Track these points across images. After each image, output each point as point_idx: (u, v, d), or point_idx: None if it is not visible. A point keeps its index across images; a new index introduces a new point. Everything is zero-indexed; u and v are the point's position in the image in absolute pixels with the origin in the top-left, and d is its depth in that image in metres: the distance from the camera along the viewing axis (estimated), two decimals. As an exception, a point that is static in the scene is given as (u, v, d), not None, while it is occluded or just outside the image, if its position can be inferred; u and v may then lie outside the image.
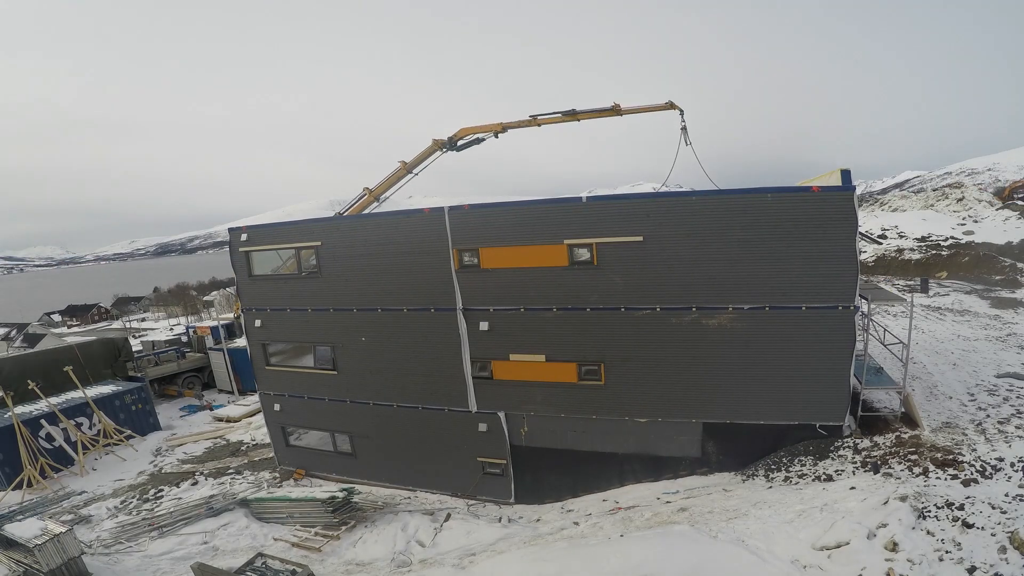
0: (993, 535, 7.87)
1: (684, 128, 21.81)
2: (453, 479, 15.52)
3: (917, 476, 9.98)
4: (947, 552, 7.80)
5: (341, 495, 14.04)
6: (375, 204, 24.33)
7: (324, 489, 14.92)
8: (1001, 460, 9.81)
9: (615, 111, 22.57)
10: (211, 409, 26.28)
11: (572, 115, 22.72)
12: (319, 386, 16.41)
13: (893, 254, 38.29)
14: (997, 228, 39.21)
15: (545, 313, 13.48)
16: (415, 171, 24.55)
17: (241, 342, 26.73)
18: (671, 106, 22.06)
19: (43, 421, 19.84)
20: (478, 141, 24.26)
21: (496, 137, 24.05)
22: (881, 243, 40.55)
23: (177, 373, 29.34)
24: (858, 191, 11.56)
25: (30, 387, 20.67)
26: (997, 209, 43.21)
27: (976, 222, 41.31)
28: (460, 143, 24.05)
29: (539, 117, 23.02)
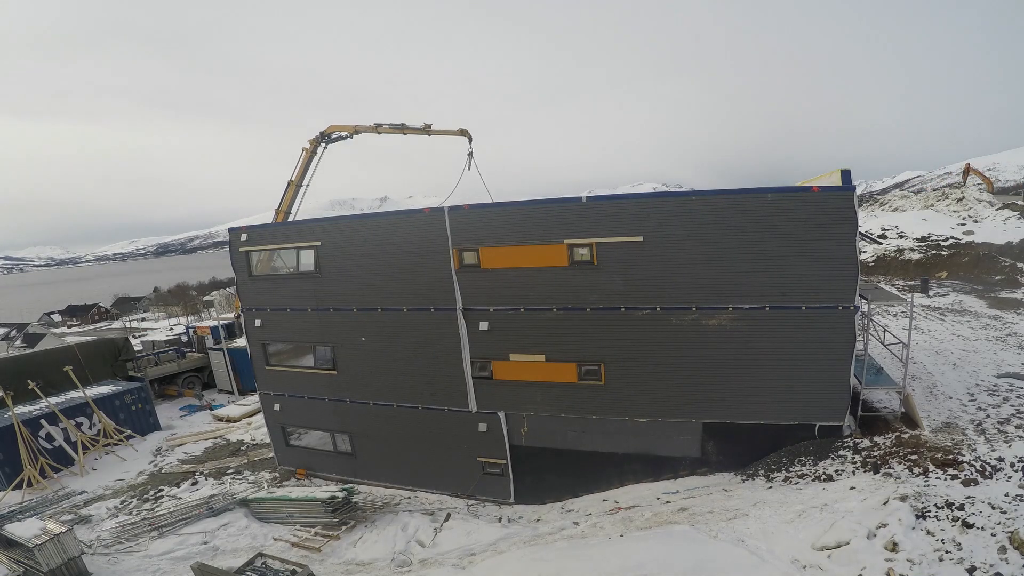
0: (993, 535, 7.87)
1: (471, 154, 25.25)
2: (453, 479, 15.51)
3: (917, 476, 9.98)
4: (947, 552, 7.80)
5: (341, 495, 14.04)
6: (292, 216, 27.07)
7: (324, 489, 14.92)
8: (1001, 460, 9.81)
9: (425, 131, 26.47)
10: (211, 409, 26.26)
11: (401, 129, 26.53)
12: (319, 386, 16.41)
13: (893, 254, 38.28)
14: (997, 228, 39.20)
15: (545, 313, 13.48)
16: (306, 182, 27.33)
17: (241, 342, 26.74)
18: (463, 132, 25.88)
19: (43, 421, 19.83)
20: (343, 137, 27.23)
21: (351, 137, 27.13)
22: (881, 243, 40.55)
23: (177, 373, 29.32)
24: (858, 191, 11.56)
25: (30, 387, 20.65)
26: (997, 209, 43.21)
27: (976, 222, 41.30)
28: (332, 136, 27.03)
29: (381, 126, 26.51)
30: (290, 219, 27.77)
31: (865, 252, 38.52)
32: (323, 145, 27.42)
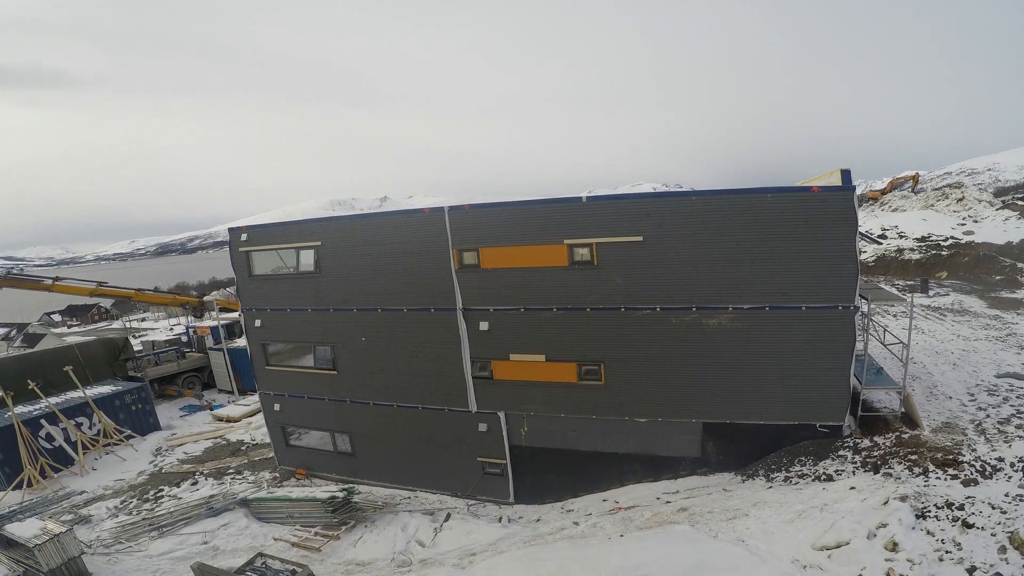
0: (993, 535, 7.87)
1: None
2: (453, 479, 15.51)
3: (917, 476, 9.98)
4: (947, 552, 7.80)
5: (341, 495, 14.04)
6: None
7: (324, 489, 14.93)
8: (1001, 460, 9.81)
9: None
10: (211, 409, 26.26)
11: None
12: (319, 386, 16.40)
13: (893, 254, 38.27)
14: (997, 228, 39.18)
15: (545, 313, 13.48)
16: None
17: (241, 342, 26.72)
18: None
19: (43, 421, 19.82)
20: None
21: None
22: (881, 243, 40.52)
23: (177, 373, 29.30)
24: (858, 191, 11.55)
25: (30, 387, 20.65)
26: (997, 209, 43.20)
27: (976, 222, 41.28)
28: None
29: None
30: None
31: (865, 252, 38.51)
32: None
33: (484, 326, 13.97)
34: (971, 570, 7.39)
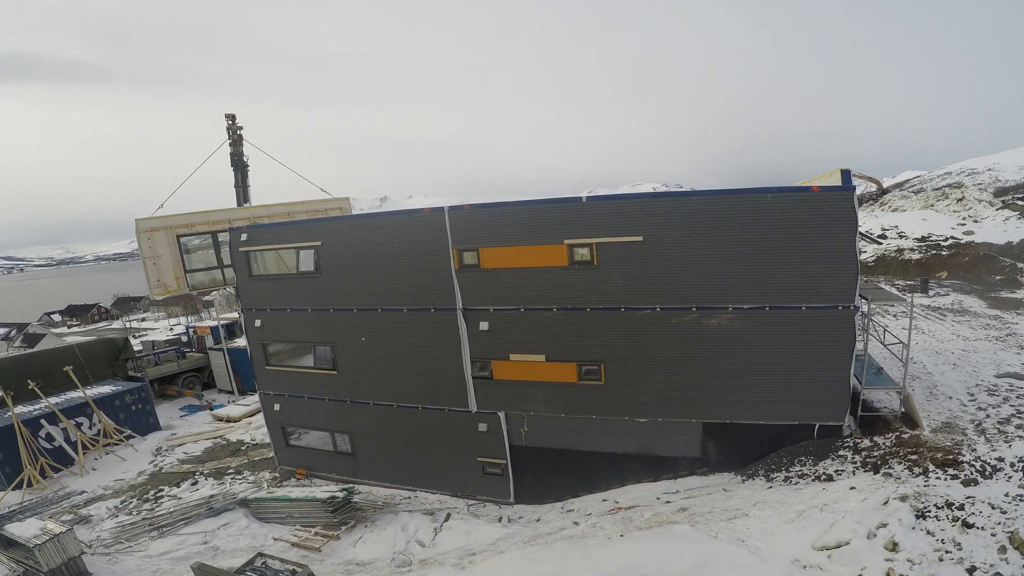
0: (993, 535, 7.87)
1: None
2: (453, 479, 15.51)
3: (917, 476, 9.99)
4: (947, 552, 7.80)
5: (341, 495, 14.04)
6: None
7: (324, 489, 14.93)
8: (1001, 460, 9.81)
9: None
10: (211, 409, 26.24)
11: None
12: (319, 386, 16.40)
13: (893, 254, 38.26)
14: (997, 228, 39.16)
15: (545, 313, 13.48)
16: None
17: (241, 342, 26.71)
18: None
19: (43, 421, 19.82)
20: None
21: None
22: (881, 243, 40.50)
23: (177, 373, 29.28)
24: (858, 191, 11.58)
25: (30, 387, 20.64)
26: (997, 209, 43.20)
27: (976, 222, 41.25)
28: None
29: None
30: None
31: (865, 252, 38.49)
32: None
33: (484, 326, 13.97)
34: (971, 570, 7.40)
